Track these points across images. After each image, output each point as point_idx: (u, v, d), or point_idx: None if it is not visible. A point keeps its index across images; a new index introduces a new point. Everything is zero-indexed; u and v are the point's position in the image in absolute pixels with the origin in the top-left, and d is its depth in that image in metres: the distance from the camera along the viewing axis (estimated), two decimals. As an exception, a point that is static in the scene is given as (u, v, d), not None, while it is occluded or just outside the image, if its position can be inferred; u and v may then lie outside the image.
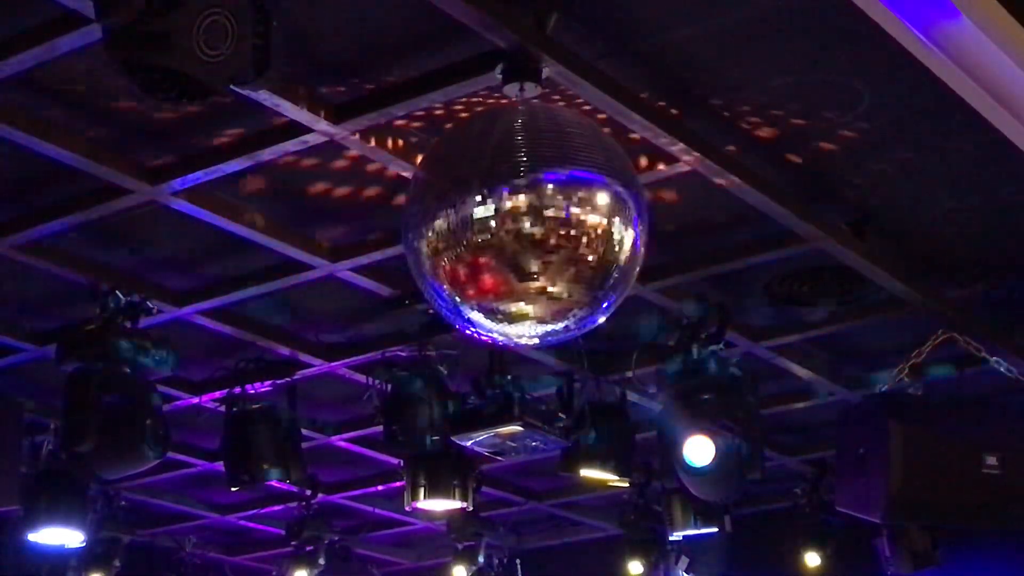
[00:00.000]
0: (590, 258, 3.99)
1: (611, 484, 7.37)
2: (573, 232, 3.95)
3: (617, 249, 4.04)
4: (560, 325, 4.13)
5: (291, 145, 5.23)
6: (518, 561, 9.82)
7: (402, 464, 7.32)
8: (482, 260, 3.97)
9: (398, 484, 7.60)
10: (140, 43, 3.50)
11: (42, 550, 7.52)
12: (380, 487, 9.22)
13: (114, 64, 3.61)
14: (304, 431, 7.69)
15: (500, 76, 4.48)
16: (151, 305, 6.35)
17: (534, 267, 3.95)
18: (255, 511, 9.74)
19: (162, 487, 9.31)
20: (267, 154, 5.31)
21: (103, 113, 5.15)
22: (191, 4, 3.50)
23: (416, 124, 5.25)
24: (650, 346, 6.96)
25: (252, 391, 7.24)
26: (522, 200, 3.93)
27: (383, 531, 10.38)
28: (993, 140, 5.12)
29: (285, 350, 7.18)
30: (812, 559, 8.57)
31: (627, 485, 7.59)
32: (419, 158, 5.21)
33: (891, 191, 5.77)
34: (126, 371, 6.16)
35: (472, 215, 3.93)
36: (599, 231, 3.98)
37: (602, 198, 4.01)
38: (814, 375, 7.53)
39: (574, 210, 3.95)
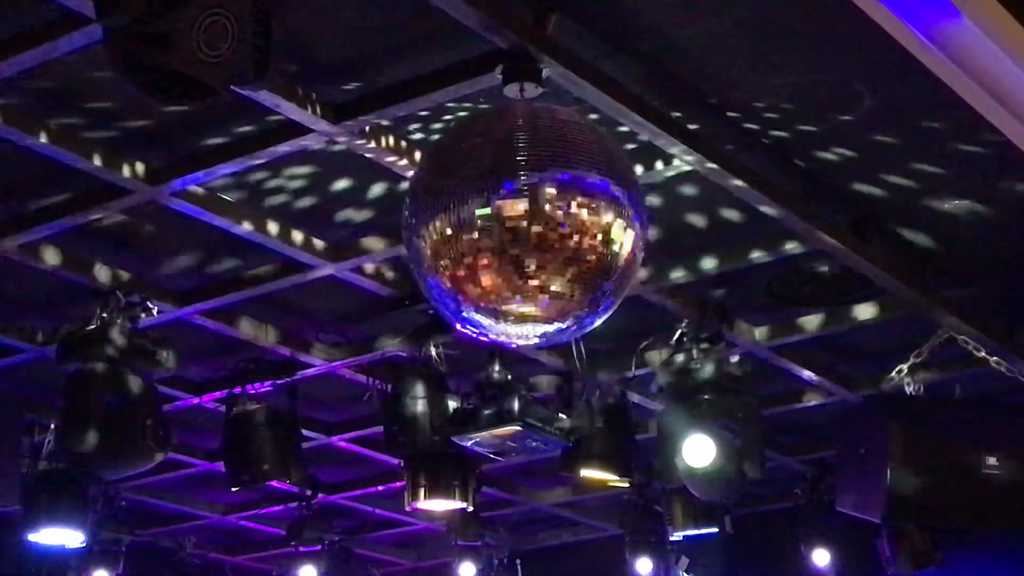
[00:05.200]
0: (589, 258, 3.99)
1: (611, 484, 7.37)
2: (572, 233, 3.94)
3: (616, 250, 4.04)
4: (559, 325, 4.13)
5: (291, 145, 5.23)
6: (518, 561, 9.81)
7: (402, 464, 7.31)
8: (481, 260, 3.97)
9: (398, 484, 7.58)
10: (140, 43, 3.50)
11: (42, 550, 7.52)
12: (380, 487, 9.22)
13: (114, 64, 3.60)
14: (304, 431, 7.69)
15: (500, 76, 4.48)
16: (151, 305, 6.36)
17: (533, 267, 3.95)
18: (255, 511, 9.74)
19: (162, 487, 9.31)
20: (267, 154, 5.31)
21: (103, 113, 5.16)
22: (191, 4, 3.50)
23: (416, 124, 5.25)
24: (650, 346, 6.96)
25: (252, 391, 7.24)
26: (522, 201, 3.93)
27: (383, 531, 10.38)
28: (993, 140, 5.12)
29: (285, 350, 7.18)
30: (814, 558, 8.58)
31: (627, 485, 7.58)
32: (419, 158, 5.22)
33: (891, 191, 5.77)
34: (126, 371, 6.16)
35: (472, 215, 3.94)
36: (598, 232, 3.98)
37: (601, 199, 4.01)
38: (814, 375, 7.53)
39: (573, 211, 3.95)
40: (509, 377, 6.47)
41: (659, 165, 5.44)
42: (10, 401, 6.95)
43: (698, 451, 6.51)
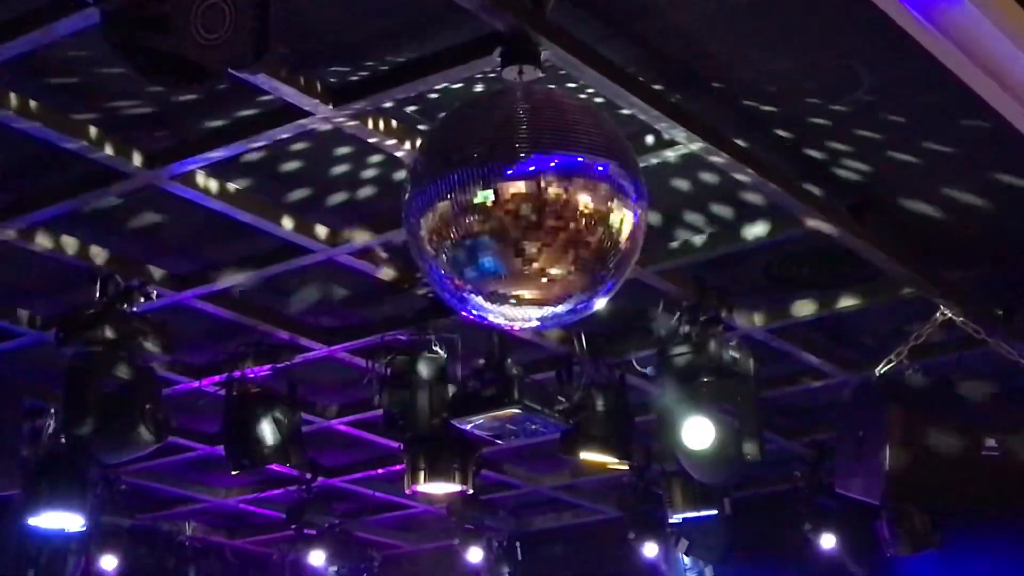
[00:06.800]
0: (589, 241, 3.98)
1: (611, 467, 7.38)
2: (572, 216, 3.93)
3: (616, 233, 4.03)
4: (559, 308, 4.12)
5: (290, 129, 5.22)
6: (518, 544, 9.84)
7: (402, 447, 7.32)
8: (482, 243, 3.97)
9: (398, 467, 7.60)
10: (138, 27, 3.49)
11: (43, 534, 7.53)
12: (380, 470, 9.23)
13: (112, 48, 3.59)
14: (304, 415, 7.69)
15: (499, 59, 4.47)
16: (150, 289, 6.35)
17: (533, 250, 3.94)
18: (255, 495, 9.76)
19: (162, 471, 9.32)
20: (265, 138, 5.30)
21: (101, 97, 5.15)
22: (189, -13, 3.49)
23: (415, 107, 5.24)
24: (651, 329, 6.96)
25: (252, 375, 7.24)
26: (521, 184, 3.92)
27: (383, 514, 10.40)
28: (993, 122, 5.11)
29: (285, 334, 7.18)
30: (813, 540, 8.60)
31: (627, 468, 7.59)
32: (418, 141, 5.22)
33: (891, 173, 5.77)
34: (125, 355, 6.16)
35: (472, 198, 3.93)
36: (598, 215, 3.97)
37: (601, 182, 4.00)
38: (813, 358, 7.53)
39: (573, 194, 3.94)
40: (509, 360, 6.48)
41: (658, 147, 5.42)
42: (10, 385, 6.95)
43: (697, 434, 6.52)
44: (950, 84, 4.77)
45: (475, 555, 9.60)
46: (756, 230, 6.18)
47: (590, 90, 4.96)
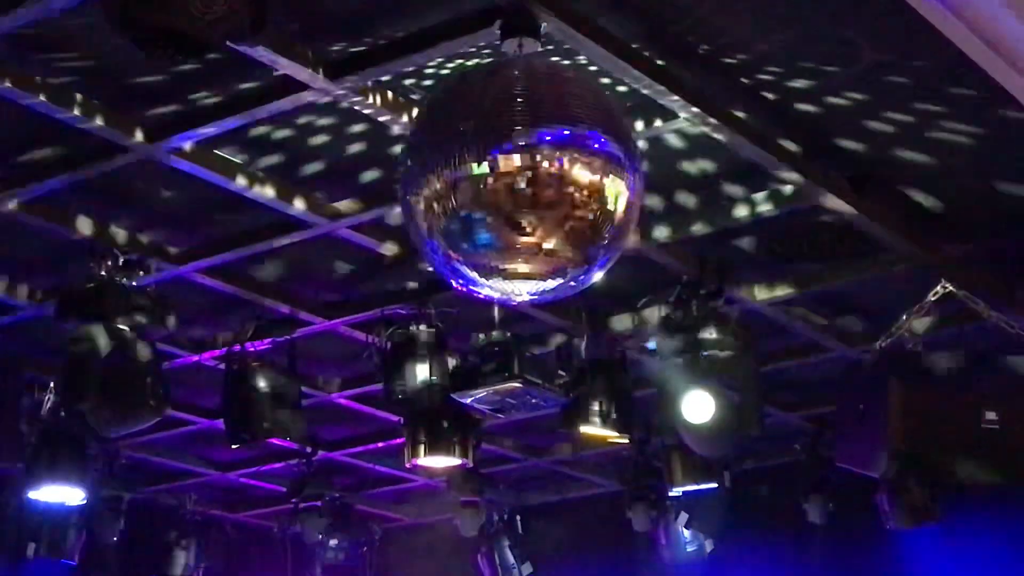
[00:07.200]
0: (585, 215, 3.97)
1: (611, 440, 7.38)
2: (568, 189, 3.92)
3: (612, 206, 4.02)
4: (555, 282, 4.12)
5: (289, 102, 5.21)
6: (519, 517, 9.85)
7: (402, 421, 7.33)
8: (477, 217, 3.96)
9: (398, 441, 7.61)
10: (136, 1, 3.47)
11: (43, 508, 7.55)
12: (380, 444, 9.24)
13: (110, 21, 3.58)
14: (304, 388, 7.69)
15: (499, 32, 4.45)
16: (150, 263, 6.35)
17: (529, 224, 3.94)
18: (256, 468, 9.77)
19: (162, 445, 9.33)
20: (265, 111, 5.29)
21: (100, 71, 5.13)
22: (187, -40, 3.47)
23: (414, 80, 5.23)
24: (650, 303, 6.95)
25: (252, 349, 7.24)
26: (518, 157, 3.91)
27: (383, 488, 10.42)
28: (994, 96, 5.09)
29: (285, 308, 7.17)
30: (812, 514, 8.62)
31: (627, 441, 7.60)
32: (416, 114, 5.20)
33: (891, 147, 5.75)
34: (125, 329, 6.16)
35: (468, 172, 3.92)
36: (594, 189, 3.96)
37: (597, 155, 3.98)
38: (814, 331, 7.52)
39: (570, 167, 3.93)
40: (509, 334, 6.47)
41: (658, 121, 5.41)
42: (10, 359, 6.95)
43: (698, 407, 6.52)
44: (950, 56, 4.75)
45: (475, 528, 9.60)
46: (757, 204, 6.16)
47: (590, 63, 4.93)
